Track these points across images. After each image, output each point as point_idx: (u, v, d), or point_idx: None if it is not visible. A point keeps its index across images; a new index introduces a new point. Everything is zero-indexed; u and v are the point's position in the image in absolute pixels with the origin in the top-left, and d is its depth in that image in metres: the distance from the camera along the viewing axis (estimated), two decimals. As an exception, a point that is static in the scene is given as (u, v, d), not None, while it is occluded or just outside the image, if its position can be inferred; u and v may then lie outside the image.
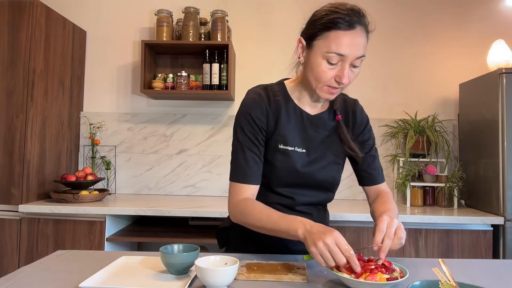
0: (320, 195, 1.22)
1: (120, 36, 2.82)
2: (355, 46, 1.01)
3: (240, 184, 1.11)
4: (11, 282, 0.92)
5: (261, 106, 1.12)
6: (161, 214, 2.12)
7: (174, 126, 2.78)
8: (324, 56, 1.02)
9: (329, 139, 1.19)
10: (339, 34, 1.00)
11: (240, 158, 1.11)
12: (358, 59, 1.03)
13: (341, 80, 1.03)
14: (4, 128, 2.21)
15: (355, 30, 1.01)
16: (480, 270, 1.10)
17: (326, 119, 1.19)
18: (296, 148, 1.14)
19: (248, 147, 1.11)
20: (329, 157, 1.18)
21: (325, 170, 1.17)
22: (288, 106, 1.16)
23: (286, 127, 1.14)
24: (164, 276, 0.97)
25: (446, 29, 2.76)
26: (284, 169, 1.13)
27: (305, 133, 1.16)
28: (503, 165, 2.13)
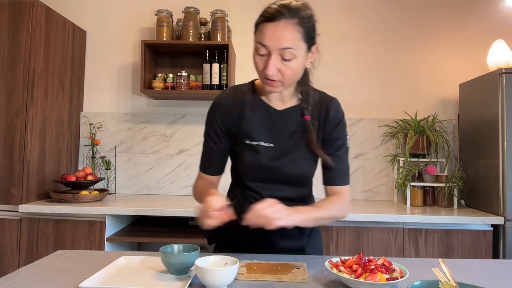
0: (291, 190, 1.20)
1: (120, 36, 2.82)
2: (277, 37, 1.03)
3: (199, 172, 1.27)
4: (11, 282, 0.92)
5: (224, 104, 1.20)
6: (161, 214, 2.12)
7: (174, 126, 2.78)
8: (255, 47, 1.08)
9: (299, 134, 1.18)
10: (264, 26, 1.05)
11: (203, 149, 1.26)
12: (285, 50, 1.04)
13: (265, 70, 1.05)
14: (4, 128, 2.21)
15: (278, 22, 1.03)
16: (480, 270, 1.10)
17: (294, 114, 1.19)
18: (261, 142, 1.16)
19: (208, 142, 1.23)
20: (298, 152, 1.18)
21: (293, 165, 1.17)
22: (255, 103, 1.20)
23: (250, 122, 1.18)
24: (164, 276, 0.97)
25: (446, 29, 2.76)
26: (251, 163, 1.17)
27: (272, 128, 1.18)
28: (503, 165, 2.13)
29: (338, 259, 1.00)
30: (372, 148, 2.73)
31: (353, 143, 2.72)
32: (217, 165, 1.24)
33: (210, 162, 1.24)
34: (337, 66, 2.75)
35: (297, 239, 1.24)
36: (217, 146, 1.21)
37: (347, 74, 2.76)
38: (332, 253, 2.10)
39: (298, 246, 1.24)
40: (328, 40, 2.75)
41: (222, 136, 1.20)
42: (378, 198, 2.72)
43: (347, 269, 0.94)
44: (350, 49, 2.77)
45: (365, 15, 2.77)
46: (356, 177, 2.72)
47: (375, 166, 2.72)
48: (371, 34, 2.77)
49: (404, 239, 2.10)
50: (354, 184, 2.72)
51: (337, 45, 2.77)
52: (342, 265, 0.96)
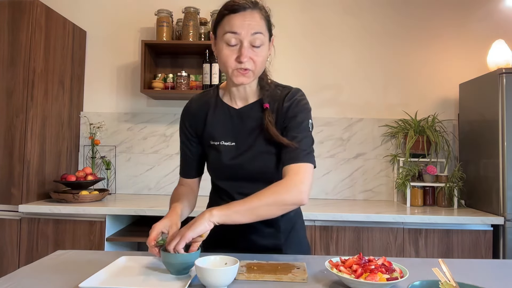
0: (257, 186, 1.08)
1: (120, 36, 2.82)
2: (247, 24, 1.08)
3: (180, 177, 1.33)
4: (11, 282, 0.92)
5: (190, 110, 1.26)
6: (161, 214, 2.11)
7: (174, 126, 2.78)
8: (223, 39, 1.10)
9: (258, 129, 1.18)
10: (231, 17, 1.09)
11: (180, 156, 1.32)
12: (256, 36, 1.08)
13: (241, 58, 1.08)
14: (4, 128, 2.21)
15: (245, 11, 1.09)
16: (480, 270, 1.10)
17: (254, 111, 1.20)
18: (223, 142, 1.19)
19: (182, 148, 1.29)
20: (258, 147, 1.17)
21: (255, 161, 1.17)
22: (216, 104, 1.24)
23: (212, 123, 1.22)
24: (164, 276, 0.97)
25: (446, 29, 2.76)
26: (215, 163, 1.22)
27: (232, 127, 1.20)
28: (503, 165, 2.13)
29: (338, 259, 1.00)
30: (372, 148, 2.73)
31: (353, 143, 2.72)
32: (194, 168, 1.30)
33: (187, 167, 1.30)
34: (337, 66, 2.75)
35: (273, 238, 1.23)
36: (190, 151, 1.27)
37: (347, 74, 2.76)
38: (332, 253, 2.10)
39: (275, 245, 1.23)
40: (328, 40, 2.75)
41: (193, 140, 1.26)
42: (378, 198, 2.72)
43: (347, 269, 0.94)
44: (350, 49, 2.77)
45: (365, 15, 2.77)
46: (356, 177, 2.72)
47: (375, 166, 2.72)
48: (371, 34, 2.77)
49: (404, 239, 2.10)
50: (354, 184, 2.72)
51: (337, 45, 2.76)
52: (342, 265, 0.96)
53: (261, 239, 1.23)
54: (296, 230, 1.28)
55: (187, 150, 1.28)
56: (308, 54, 2.75)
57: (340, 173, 2.73)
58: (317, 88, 2.71)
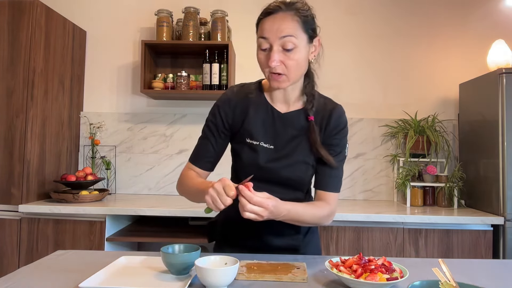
0: (286, 193, 1.17)
1: (120, 36, 2.82)
2: (276, 27, 1.07)
3: (189, 163, 1.24)
4: (11, 282, 0.92)
5: (230, 101, 1.21)
6: (161, 214, 2.12)
7: (174, 126, 2.78)
8: (258, 44, 1.12)
9: (300, 138, 1.18)
10: (262, 22, 1.10)
11: (198, 142, 1.25)
12: (285, 39, 1.07)
13: (270, 63, 1.08)
14: (4, 128, 2.21)
15: (275, 15, 1.08)
16: (480, 270, 1.10)
17: (297, 118, 1.19)
18: (262, 143, 1.17)
19: (206, 135, 1.23)
20: (297, 155, 1.18)
21: (291, 168, 1.17)
22: (259, 103, 1.20)
23: (253, 122, 1.19)
24: (164, 276, 0.97)
25: (446, 29, 2.76)
26: (249, 162, 1.18)
27: (273, 130, 1.19)
28: (503, 165, 2.13)
29: (338, 259, 1.00)
30: (372, 148, 2.73)
31: (353, 143, 2.72)
32: (210, 160, 1.23)
33: (204, 156, 1.23)
34: (337, 66, 2.75)
35: (292, 239, 1.24)
36: (216, 141, 1.22)
37: (347, 74, 2.76)
38: (332, 253, 2.10)
39: (293, 245, 1.24)
40: (328, 40, 2.75)
41: (223, 132, 1.21)
42: (378, 198, 2.72)
43: (347, 269, 0.94)
44: (350, 49, 2.77)
45: (365, 15, 2.77)
46: (356, 177, 2.72)
47: (375, 166, 2.72)
48: (371, 34, 2.77)
49: (404, 239, 2.10)
50: (354, 184, 2.72)
51: (337, 45, 2.76)
52: (342, 265, 0.96)
53: (280, 240, 1.21)
54: (312, 231, 1.31)
55: (213, 140, 1.21)
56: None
57: (340, 173, 2.72)
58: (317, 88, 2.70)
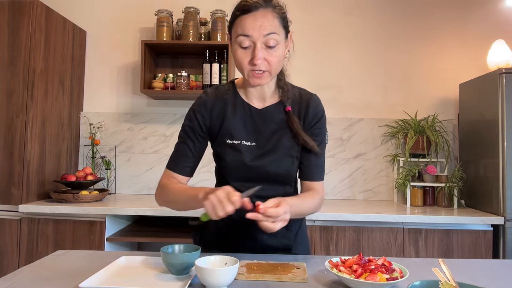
0: (275, 189, 1.18)
1: (120, 36, 2.82)
2: (259, 24, 1.06)
3: (168, 170, 1.22)
4: (11, 282, 0.92)
5: (205, 104, 1.19)
6: (161, 214, 2.12)
7: (174, 126, 2.78)
8: (236, 42, 1.09)
9: (281, 132, 1.19)
10: (242, 18, 1.07)
11: (175, 148, 1.22)
12: (269, 36, 1.06)
13: (255, 61, 1.06)
14: (4, 128, 2.21)
15: (257, 11, 1.06)
16: (480, 270, 1.10)
17: (275, 112, 1.20)
18: (243, 141, 1.16)
19: (183, 140, 1.21)
20: (281, 150, 1.18)
21: (277, 163, 1.17)
22: (236, 102, 1.20)
23: (232, 122, 1.18)
24: (164, 276, 0.97)
25: (446, 29, 2.76)
26: (234, 163, 1.17)
27: (253, 127, 1.18)
28: (503, 165, 2.13)
29: (338, 259, 1.00)
30: (372, 148, 2.73)
31: (353, 143, 2.72)
32: (190, 165, 1.21)
33: (183, 161, 1.21)
34: (337, 66, 2.75)
35: (284, 238, 1.23)
36: (194, 146, 1.20)
37: (347, 74, 2.76)
38: (332, 253, 2.10)
39: (285, 245, 1.24)
40: (328, 40, 2.75)
41: (200, 135, 1.20)
42: (378, 198, 2.72)
43: (347, 269, 0.94)
44: (350, 49, 2.77)
45: (365, 15, 2.77)
46: (356, 177, 2.72)
47: (375, 166, 2.72)
48: (371, 34, 2.77)
49: (404, 239, 2.10)
50: (354, 184, 2.72)
51: (337, 45, 2.76)
52: (342, 265, 0.96)
53: (273, 240, 1.21)
54: (302, 229, 1.31)
55: (191, 144, 1.20)
56: (308, 54, 2.75)
57: (340, 173, 2.73)
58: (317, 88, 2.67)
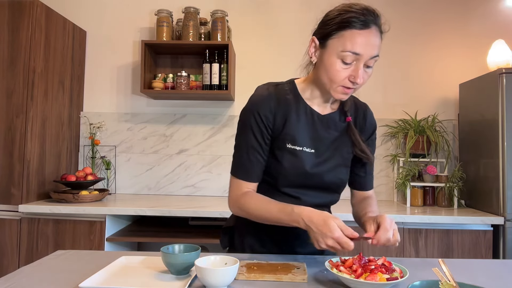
0: (326, 196, 1.20)
1: (120, 36, 2.82)
2: (370, 45, 1.01)
3: (241, 181, 1.13)
4: (11, 282, 0.92)
5: (269, 104, 1.11)
6: (161, 214, 2.12)
7: (174, 126, 2.78)
8: (339, 55, 1.02)
9: (339, 140, 1.17)
10: (354, 33, 1.00)
11: (244, 156, 1.12)
12: (372, 59, 1.03)
13: (356, 80, 1.02)
14: (4, 128, 2.21)
15: (370, 29, 1.01)
16: (480, 270, 1.10)
17: (337, 120, 1.18)
18: (304, 148, 1.12)
19: (253, 146, 1.11)
20: (337, 158, 1.17)
21: (333, 172, 1.16)
22: (299, 105, 1.14)
23: (295, 126, 1.12)
24: (164, 276, 0.97)
25: (446, 29, 2.76)
26: (292, 169, 1.12)
27: (315, 133, 1.14)
28: (503, 165, 2.13)
29: (338, 259, 1.00)
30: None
31: (353, 143, 2.72)
32: (262, 169, 1.14)
33: (255, 168, 1.12)
34: (337, 66, 2.75)
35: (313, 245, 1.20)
36: (263, 151, 1.12)
37: (347, 74, 2.76)
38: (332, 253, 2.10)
39: (316, 251, 1.18)
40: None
41: (267, 137, 1.12)
42: (378, 198, 2.69)
43: (347, 269, 0.94)
44: (350, 49, 2.77)
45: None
46: (356, 177, 2.71)
47: (375, 166, 2.71)
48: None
49: (404, 239, 2.10)
50: (354, 184, 2.71)
51: (337, 45, 2.76)
52: (342, 265, 0.96)
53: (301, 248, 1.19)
54: None
55: (260, 149, 1.11)
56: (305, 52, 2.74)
57: (340, 173, 2.72)
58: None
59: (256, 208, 1.08)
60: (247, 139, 1.11)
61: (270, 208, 1.06)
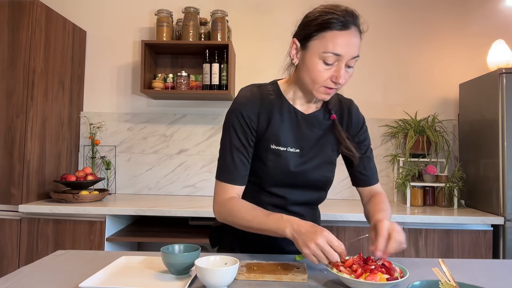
0: (312, 194, 1.21)
1: (120, 36, 2.82)
2: (351, 46, 1.02)
3: (226, 184, 1.12)
4: (11, 282, 0.92)
5: (253, 105, 1.12)
6: (161, 214, 2.12)
7: (174, 126, 2.78)
8: (321, 56, 1.03)
9: (324, 138, 1.18)
10: (335, 34, 1.01)
11: (228, 158, 1.12)
12: (353, 59, 1.05)
13: (338, 80, 1.04)
14: (4, 128, 2.21)
15: (350, 30, 1.02)
16: (480, 270, 1.10)
17: (321, 118, 1.18)
18: (288, 148, 1.13)
19: (237, 148, 1.11)
20: (322, 156, 1.17)
21: (318, 170, 1.17)
22: (282, 106, 1.15)
23: (278, 126, 1.13)
24: (164, 276, 0.97)
25: (446, 29, 2.76)
26: (276, 169, 1.12)
27: (299, 133, 1.15)
28: (503, 165, 2.13)
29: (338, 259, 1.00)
30: (372, 148, 2.72)
31: (353, 143, 2.72)
32: (247, 174, 1.13)
33: (240, 171, 1.11)
34: (337, 66, 2.75)
35: None
36: (247, 152, 1.12)
37: (347, 74, 2.76)
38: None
39: None
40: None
41: (251, 138, 1.12)
42: (378, 198, 2.71)
43: (347, 269, 0.94)
44: (350, 49, 2.77)
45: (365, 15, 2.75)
46: (356, 177, 2.72)
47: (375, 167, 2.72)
48: (371, 34, 2.75)
49: (404, 239, 2.10)
50: (354, 184, 2.72)
51: (337, 45, 2.76)
52: (342, 265, 0.96)
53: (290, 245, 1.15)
54: None
55: (244, 150, 1.11)
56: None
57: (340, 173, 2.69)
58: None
59: (242, 213, 1.07)
60: (231, 140, 1.12)
61: (256, 214, 1.05)
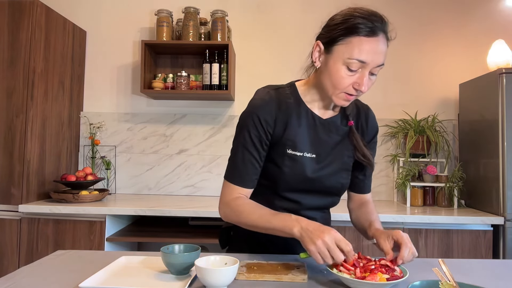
0: (326, 200, 1.20)
1: (120, 36, 2.82)
2: (377, 53, 0.99)
3: (234, 185, 1.10)
4: (11, 282, 0.92)
5: (270, 108, 1.08)
6: (161, 214, 2.12)
7: (174, 126, 2.78)
8: (345, 62, 1.00)
9: (340, 144, 1.16)
10: (362, 40, 0.98)
11: (239, 159, 1.09)
12: (378, 67, 1.02)
13: (360, 87, 1.01)
14: (4, 128, 2.21)
15: (378, 37, 0.99)
16: (480, 270, 1.10)
17: (338, 124, 1.16)
18: (305, 153, 1.10)
19: (249, 150, 1.08)
20: (339, 162, 1.15)
21: (334, 177, 1.15)
22: (300, 110, 1.12)
23: (296, 131, 1.10)
24: (164, 276, 0.97)
25: (446, 29, 2.76)
26: (292, 174, 1.10)
27: (316, 138, 1.13)
28: (503, 165, 2.13)
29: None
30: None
31: (353, 143, 2.72)
32: (257, 178, 1.11)
33: (251, 174, 1.09)
34: (337, 66, 2.75)
35: None
36: (260, 156, 1.09)
37: (347, 74, 2.76)
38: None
39: None
40: (328, 40, 2.75)
41: (266, 143, 1.09)
42: (378, 198, 2.71)
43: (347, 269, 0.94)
44: (350, 49, 2.77)
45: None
46: (356, 177, 2.72)
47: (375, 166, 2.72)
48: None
49: (404, 239, 2.10)
50: (354, 184, 2.72)
51: (337, 45, 2.76)
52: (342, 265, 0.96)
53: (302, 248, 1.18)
54: None
55: (256, 154, 1.08)
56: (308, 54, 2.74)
57: (340, 173, 2.72)
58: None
59: (248, 212, 1.05)
60: (244, 142, 1.09)
61: (263, 213, 1.04)
